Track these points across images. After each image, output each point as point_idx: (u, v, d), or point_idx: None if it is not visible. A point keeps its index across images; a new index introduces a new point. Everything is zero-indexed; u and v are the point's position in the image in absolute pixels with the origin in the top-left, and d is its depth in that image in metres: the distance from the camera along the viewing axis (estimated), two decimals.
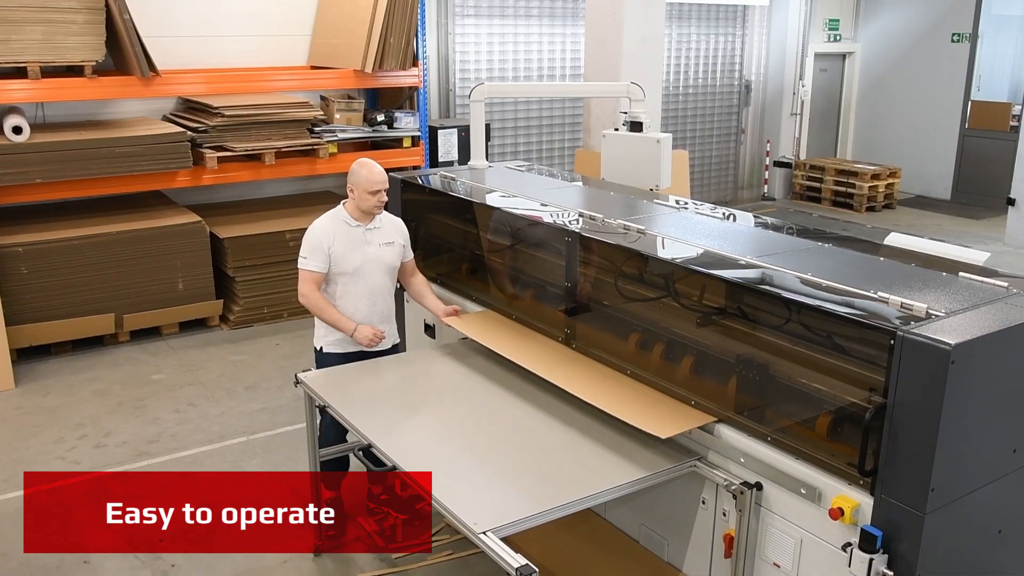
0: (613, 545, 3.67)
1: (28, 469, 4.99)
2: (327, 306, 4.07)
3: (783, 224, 3.92)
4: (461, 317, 4.32)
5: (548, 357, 3.82)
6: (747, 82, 12.55)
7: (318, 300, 4.06)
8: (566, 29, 10.51)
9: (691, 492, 3.25)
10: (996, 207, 11.49)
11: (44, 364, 6.51)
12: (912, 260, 3.25)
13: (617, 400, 3.35)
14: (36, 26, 6.40)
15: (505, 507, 2.80)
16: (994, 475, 2.67)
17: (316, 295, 4.05)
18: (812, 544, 2.82)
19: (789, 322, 2.89)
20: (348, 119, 7.96)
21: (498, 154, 10.21)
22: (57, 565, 4.10)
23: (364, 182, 4.02)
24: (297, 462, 4.99)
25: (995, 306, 2.70)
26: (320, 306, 4.06)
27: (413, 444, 3.25)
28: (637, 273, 3.62)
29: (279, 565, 4.12)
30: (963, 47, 12.40)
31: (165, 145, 6.87)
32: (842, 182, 12.45)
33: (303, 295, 4.08)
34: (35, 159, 6.38)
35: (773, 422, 2.96)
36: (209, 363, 6.57)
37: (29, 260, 6.42)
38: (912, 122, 12.96)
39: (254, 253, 7.25)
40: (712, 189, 12.62)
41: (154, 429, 5.50)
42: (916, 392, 2.43)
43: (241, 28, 8.08)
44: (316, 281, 4.06)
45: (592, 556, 3.75)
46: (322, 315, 4.09)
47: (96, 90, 6.81)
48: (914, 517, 2.49)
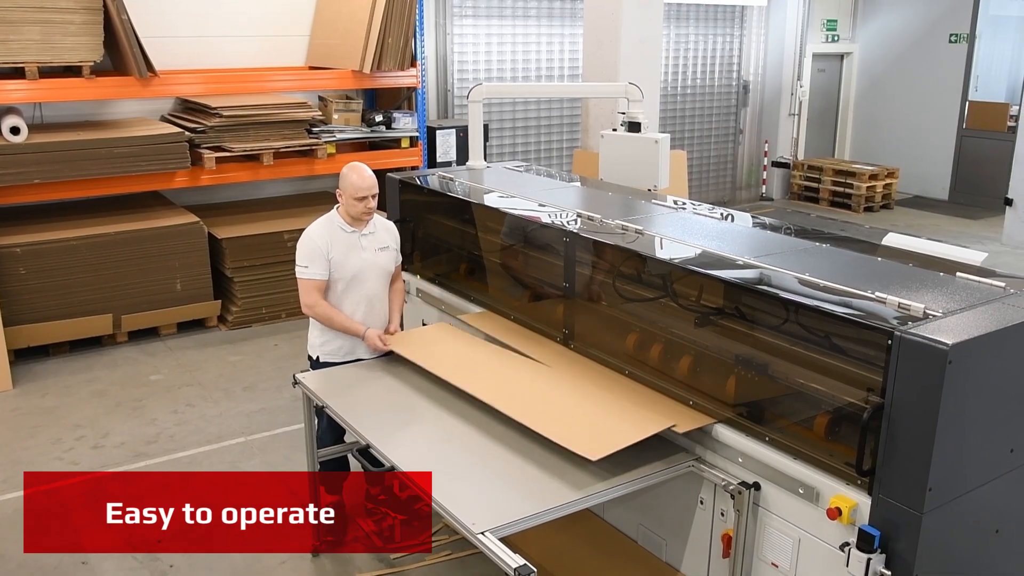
0: (611, 545, 3.67)
1: (26, 470, 4.98)
2: (336, 313, 4.00)
3: (781, 224, 3.93)
4: (399, 335, 4.22)
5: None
6: (745, 82, 12.56)
7: (325, 309, 3.99)
8: (564, 29, 10.52)
9: (689, 492, 3.25)
10: (994, 207, 11.50)
11: (42, 365, 6.51)
12: (910, 260, 3.25)
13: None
14: (34, 26, 6.40)
15: (503, 507, 2.80)
16: (991, 475, 2.67)
17: (323, 304, 3.98)
18: (810, 544, 2.83)
19: (787, 322, 2.90)
20: (346, 119, 7.96)
21: (496, 155, 10.21)
22: (55, 566, 4.10)
23: (350, 188, 3.97)
24: (295, 463, 4.99)
25: (992, 306, 2.71)
26: (329, 314, 3.99)
27: (411, 444, 3.25)
28: (635, 273, 3.62)
29: (277, 566, 4.12)
30: (961, 47, 12.42)
31: (163, 145, 6.86)
32: (840, 182, 12.47)
33: (309, 306, 3.99)
34: (33, 159, 6.37)
35: (771, 422, 2.96)
36: (207, 364, 6.57)
37: (27, 261, 6.42)
38: (910, 122, 12.98)
39: (252, 253, 7.24)
40: (710, 189, 12.63)
41: (152, 430, 5.50)
42: (914, 392, 2.43)
43: (239, 28, 8.07)
44: (320, 289, 3.99)
45: (590, 556, 3.76)
46: (332, 323, 4.02)
47: (94, 90, 6.80)
48: (912, 517, 2.49)
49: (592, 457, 2.96)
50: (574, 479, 3.03)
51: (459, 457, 3.14)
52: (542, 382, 3.64)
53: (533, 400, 3.47)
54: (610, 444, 3.03)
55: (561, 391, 3.53)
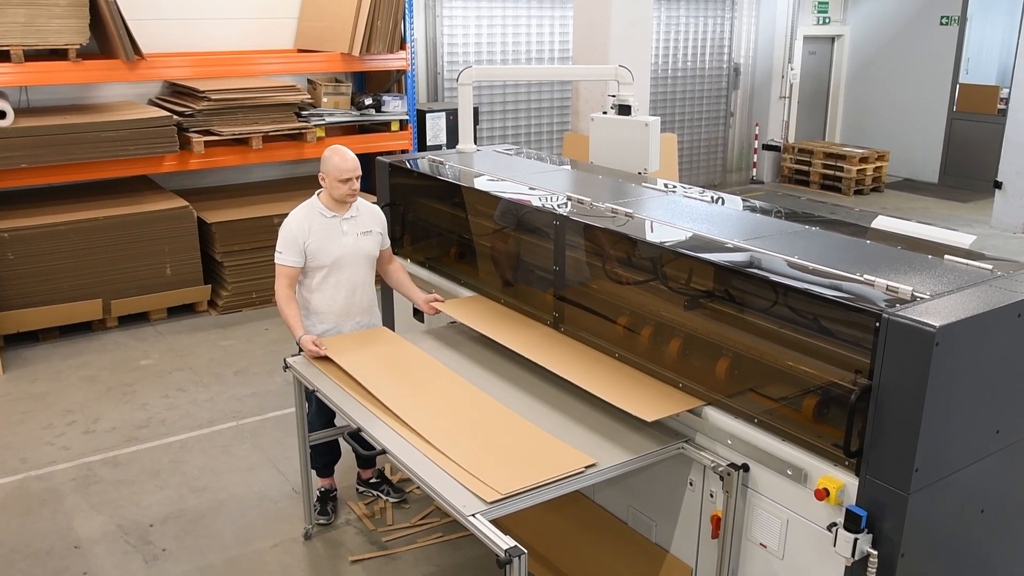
0: (601, 527, 3.69)
1: (17, 456, 4.98)
2: (287, 304, 3.95)
3: (771, 207, 3.93)
4: (447, 303, 4.31)
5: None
6: (736, 65, 12.54)
7: (283, 296, 3.95)
8: (555, 12, 10.48)
9: (679, 474, 3.27)
10: (983, 190, 11.55)
11: (32, 350, 6.49)
12: (899, 243, 3.26)
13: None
14: (18, 8, 6.33)
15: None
16: (977, 455, 2.70)
17: (284, 291, 3.95)
18: (798, 524, 2.85)
19: (776, 305, 2.91)
20: (336, 103, 7.92)
21: (486, 138, 10.19)
22: (47, 551, 4.11)
23: (334, 170, 3.94)
24: (287, 447, 5.00)
25: (980, 289, 2.72)
26: (281, 303, 3.96)
27: (402, 427, 3.25)
28: (625, 257, 3.63)
29: (269, 549, 4.13)
30: (951, 30, 12.42)
31: (151, 129, 6.82)
32: (830, 165, 12.49)
33: (275, 290, 3.99)
34: (19, 144, 6.33)
35: (760, 404, 2.98)
36: (198, 348, 6.56)
37: (15, 246, 6.38)
38: (900, 105, 13.00)
39: (242, 238, 7.22)
40: (701, 172, 12.64)
41: (143, 415, 5.50)
42: (901, 374, 2.45)
43: (227, 11, 8.01)
44: (290, 276, 3.97)
45: (581, 538, 3.78)
46: (281, 312, 3.98)
47: (80, 74, 6.75)
48: (898, 497, 2.51)
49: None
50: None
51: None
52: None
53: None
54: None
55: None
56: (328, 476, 4.44)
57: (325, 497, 4.38)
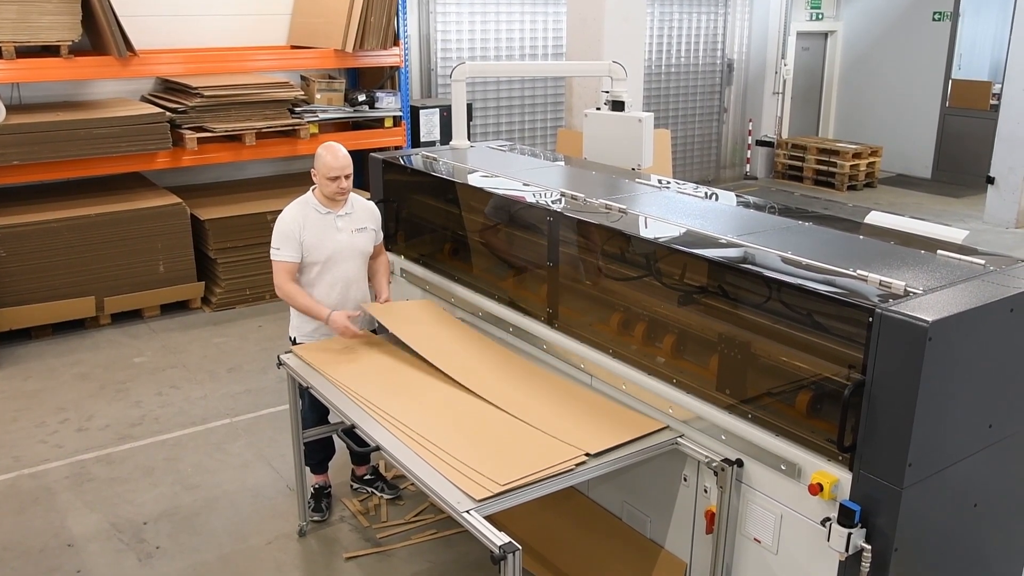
0: (596, 523, 3.70)
1: (10, 454, 4.97)
2: (302, 295, 3.99)
3: (765, 203, 3.93)
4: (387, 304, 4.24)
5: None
6: (729, 61, 12.54)
7: (291, 289, 3.97)
8: (548, 8, 10.46)
9: (673, 469, 3.28)
10: (976, 185, 11.57)
11: (24, 348, 6.47)
12: (892, 238, 3.27)
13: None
14: (10, 5, 6.30)
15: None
16: (970, 450, 2.71)
17: (289, 285, 3.97)
18: (792, 519, 2.86)
19: (769, 300, 2.91)
20: (329, 99, 7.91)
21: (480, 134, 10.17)
22: (41, 549, 4.09)
23: (324, 168, 3.94)
24: (281, 444, 4.99)
25: (972, 283, 2.73)
26: (293, 295, 3.98)
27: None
28: (619, 253, 3.63)
29: (263, 546, 4.13)
30: (944, 25, 12.44)
31: (144, 126, 6.80)
32: (824, 161, 12.51)
33: (278, 287, 4.00)
34: (11, 141, 6.30)
35: (754, 399, 2.98)
36: (191, 346, 6.55)
37: (7, 243, 6.36)
38: (893, 101, 13.02)
39: (235, 235, 7.20)
40: (694, 168, 12.64)
41: (136, 412, 5.48)
42: (894, 369, 2.46)
43: (220, 7, 7.99)
44: (290, 271, 3.98)
45: (575, 534, 3.78)
46: (296, 304, 4.01)
47: (73, 70, 6.72)
48: (892, 492, 2.52)
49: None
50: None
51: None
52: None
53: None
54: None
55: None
56: (322, 473, 4.43)
57: (319, 494, 4.38)
